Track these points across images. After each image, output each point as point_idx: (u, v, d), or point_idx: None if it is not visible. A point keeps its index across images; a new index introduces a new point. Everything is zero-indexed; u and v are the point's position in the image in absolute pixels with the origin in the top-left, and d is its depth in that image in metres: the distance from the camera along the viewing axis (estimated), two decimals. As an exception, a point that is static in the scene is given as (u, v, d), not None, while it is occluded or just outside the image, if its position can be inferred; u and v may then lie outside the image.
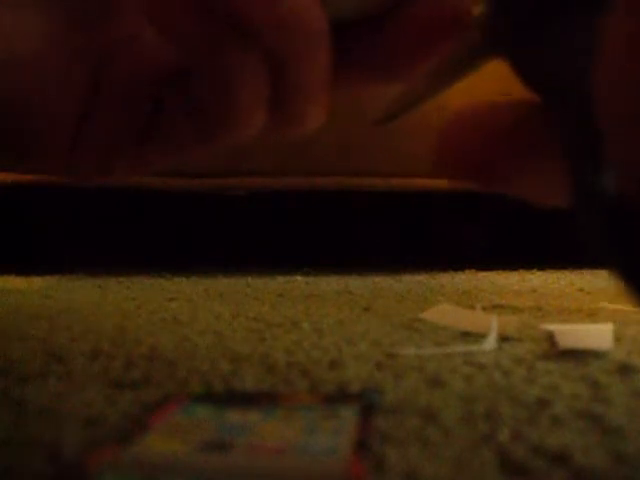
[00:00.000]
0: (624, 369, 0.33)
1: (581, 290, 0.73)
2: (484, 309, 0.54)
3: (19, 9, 0.23)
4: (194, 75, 0.24)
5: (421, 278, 0.87)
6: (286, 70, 0.24)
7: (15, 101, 0.24)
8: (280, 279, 0.85)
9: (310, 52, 0.23)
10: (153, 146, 0.26)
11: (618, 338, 0.41)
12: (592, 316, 0.53)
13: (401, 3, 0.24)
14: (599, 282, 0.81)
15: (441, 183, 0.90)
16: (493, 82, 0.22)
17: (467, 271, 0.95)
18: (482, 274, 0.93)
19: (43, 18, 0.24)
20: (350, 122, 0.88)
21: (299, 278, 0.86)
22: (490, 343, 0.39)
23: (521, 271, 0.95)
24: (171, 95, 0.25)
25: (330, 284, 0.80)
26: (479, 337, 0.41)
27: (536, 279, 0.87)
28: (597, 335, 0.39)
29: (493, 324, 0.41)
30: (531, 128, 0.20)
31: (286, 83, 0.24)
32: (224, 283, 0.82)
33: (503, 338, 0.41)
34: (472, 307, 0.54)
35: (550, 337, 0.39)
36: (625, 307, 0.56)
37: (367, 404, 0.26)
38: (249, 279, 0.84)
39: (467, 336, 0.43)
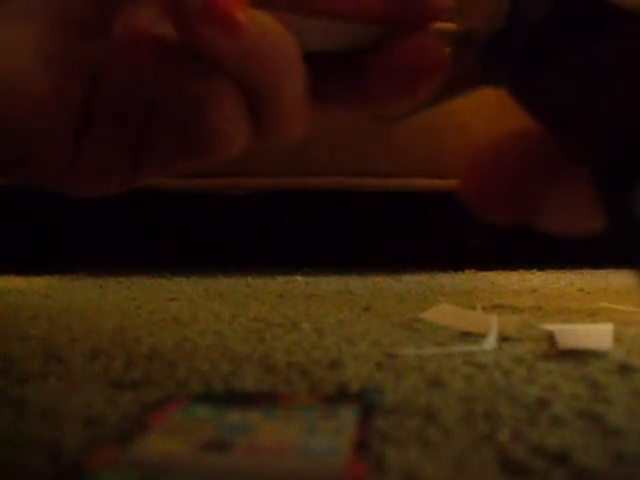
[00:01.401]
0: (624, 369, 0.33)
1: (581, 290, 0.73)
2: (484, 309, 0.54)
3: (8, 26, 0.23)
4: (173, 106, 0.24)
5: (421, 278, 0.87)
6: (259, 95, 0.24)
7: (11, 121, 0.24)
8: (280, 279, 0.85)
9: (280, 78, 0.24)
10: (147, 160, 0.26)
11: (618, 338, 0.41)
12: (592, 316, 0.53)
13: (383, 42, 0.25)
14: (599, 282, 0.81)
15: (441, 183, 0.90)
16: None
17: (467, 271, 0.95)
18: (482, 274, 0.93)
19: (33, 35, 0.24)
20: (350, 123, 0.88)
21: (299, 278, 0.86)
22: (490, 343, 0.39)
23: (521, 271, 0.95)
24: (156, 116, 0.25)
25: (330, 284, 0.80)
26: (479, 337, 0.41)
27: (536, 279, 0.87)
28: (597, 335, 0.39)
29: (493, 324, 0.41)
30: (556, 156, 0.20)
31: (261, 106, 0.24)
32: (224, 283, 0.82)
33: (503, 338, 0.41)
34: (472, 307, 0.54)
35: (550, 337, 0.39)
36: (625, 307, 0.56)
37: (367, 404, 0.26)
38: (249, 279, 0.84)
39: (467, 336, 0.43)
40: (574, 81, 0.18)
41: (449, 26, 0.24)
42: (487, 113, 0.88)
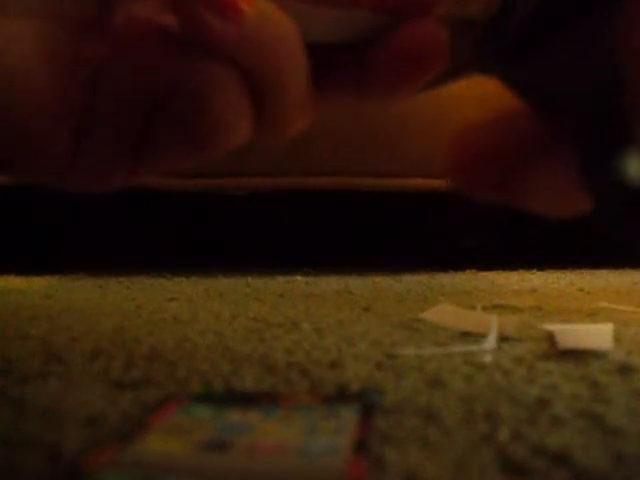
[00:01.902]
0: (624, 369, 0.33)
1: (581, 290, 0.73)
2: (484, 309, 0.54)
3: (8, 24, 0.23)
4: (174, 96, 0.24)
5: (421, 278, 0.87)
6: (261, 84, 0.24)
7: (11, 120, 0.24)
8: (280, 279, 0.85)
9: (282, 66, 0.24)
10: (148, 157, 0.26)
11: (618, 338, 0.41)
12: (592, 316, 0.53)
13: (383, 33, 0.25)
14: (599, 282, 0.81)
15: (441, 183, 0.90)
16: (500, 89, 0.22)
17: (467, 271, 0.95)
18: (482, 274, 0.93)
19: (33, 33, 0.23)
20: (350, 123, 0.88)
21: (299, 278, 0.86)
22: (490, 343, 0.39)
23: (521, 271, 0.95)
24: (157, 111, 0.25)
25: (330, 284, 0.80)
26: (479, 337, 0.41)
27: (536, 279, 0.87)
28: (597, 335, 0.39)
29: (493, 324, 0.41)
30: (542, 136, 0.20)
31: (263, 96, 0.24)
32: (224, 283, 0.82)
33: (503, 338, 0.41)
34: (472, 307, 0.54)
35: (550, 337, 0.39)
36: (625, 307, 0.56)
37: (367, 404, 0.26)
38: (249, 279, 0.84)
39: (467, 336, 0.43)
40: (562, 64, 0.18)
41: (447, 14, 0.24)
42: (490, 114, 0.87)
